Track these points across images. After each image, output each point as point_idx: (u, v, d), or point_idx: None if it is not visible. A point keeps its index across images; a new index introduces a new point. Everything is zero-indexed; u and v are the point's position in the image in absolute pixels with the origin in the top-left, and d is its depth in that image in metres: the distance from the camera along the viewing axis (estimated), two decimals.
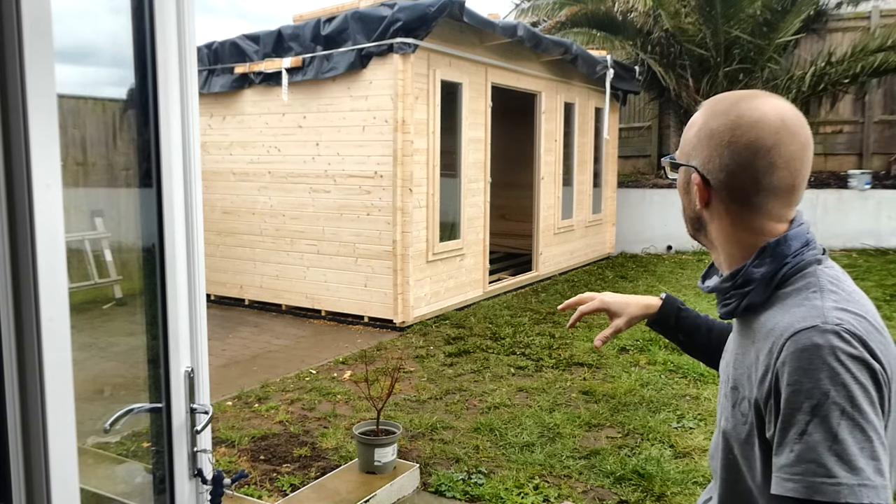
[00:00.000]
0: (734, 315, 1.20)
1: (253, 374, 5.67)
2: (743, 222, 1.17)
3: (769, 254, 1.14)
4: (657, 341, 6.32)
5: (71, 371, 1.12)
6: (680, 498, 3.58)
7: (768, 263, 1.14)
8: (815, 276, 1.12)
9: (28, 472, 1.10)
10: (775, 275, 1.13)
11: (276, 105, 7.55)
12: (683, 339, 1.62)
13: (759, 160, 1.11)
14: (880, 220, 11.42)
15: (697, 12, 11.18)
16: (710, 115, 1.18)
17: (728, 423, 1.18)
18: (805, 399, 0.99)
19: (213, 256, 8.16)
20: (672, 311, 1.61)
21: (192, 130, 1.40)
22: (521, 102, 9.21)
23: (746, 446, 1.13)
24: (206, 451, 1.47)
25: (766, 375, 1.06)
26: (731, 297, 1.19)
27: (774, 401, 1.03)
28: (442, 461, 4.04)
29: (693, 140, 1.20)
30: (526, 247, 9.81)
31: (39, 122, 1.05)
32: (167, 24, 1.34)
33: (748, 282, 1.15)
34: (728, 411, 1.19)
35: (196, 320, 1.45)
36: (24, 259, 1.06)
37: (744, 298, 1.16)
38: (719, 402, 1.28)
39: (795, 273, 1.13)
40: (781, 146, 1.11)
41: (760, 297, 1.14)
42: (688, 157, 1.21)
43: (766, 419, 1.06)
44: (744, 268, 1.16)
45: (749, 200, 1.15)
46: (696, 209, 1.22)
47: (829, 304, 1.06)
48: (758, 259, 1.15)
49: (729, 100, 1.17)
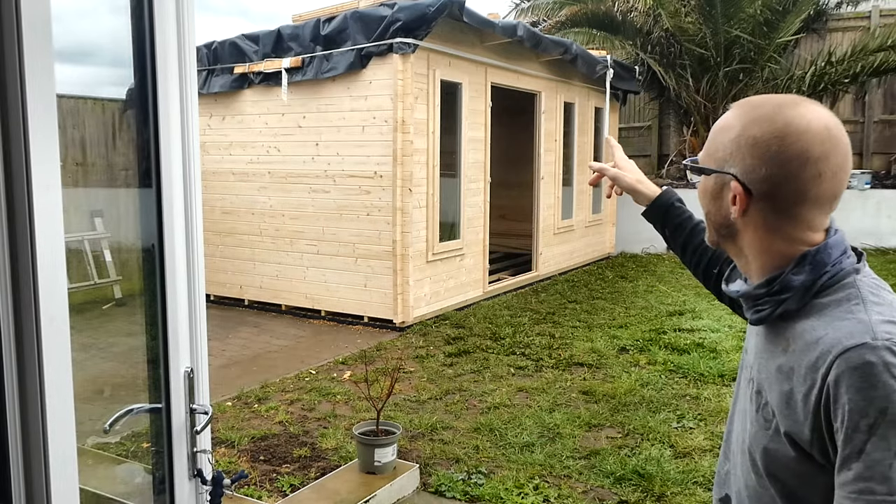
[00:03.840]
0: (765, 322, 1.18)
1: (253, 375, 5.67)
2: (781, 232, 1.14)
3: (809, 262, 1.12)
4: (657, 341, 6.32)
5: (71, 371, 1.12)
6: (680, 498, 3.58)
7: (808, 272, 1.11)
8: (855, 287, 1.10)
9: (28, 472, 1.09)
10: (814, 283, 1.11)
11: (276, 105, 7.55)
12: (668, 234, 1.67)
13: (807, 171, 1.08)
14: (880, 220, 11.43)
15: (697, 12, 11.18)
16: (749, 121, 1.13)
17: (752, 426, 1.18)
18: (861, 418, 0.98)
19: (213, 256, 8.16)
20: (664, 205, 1.68)
21: (192, 130, 1.40)
22: (521, 102, 9.21)
23: (769, 452, 1.13)
24: (205, 452, 1.47)
25: (812, 391, 1.05)
26: (764, 303, 1.16)
27: (826, 420, 1.03)
28: (442, 461, 4.04)
29: (730, 146, 1.14)
30: (526, 247, 9.81)
31: (39, 123, 1.05)
32: (167, 23, 1.34)
33: (785, 289, 1.13)
34: (752, 415, 1.18)
35: (196, 320, 1.45)
36: (24, 259, 1.06)
37: (779, 305, 1.13)
38: (740, 403, 1.27)
39: (835, 283, 1.11)
40: (829, 157, 1.08)
41: (797, 304, 1.12)
42: (722, 163, 1.16)
43: (808, 435, 1.06)
44: (782, 274, 1.13)
45: (791, 211, 1.11)
46: (730, 217, 1.17)
47: (875, 318, 1.05)
48: (797, 267, 1.12)
49: (770, 105, 1.13)
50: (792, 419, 1.08)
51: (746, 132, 1.12)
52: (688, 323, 7.00)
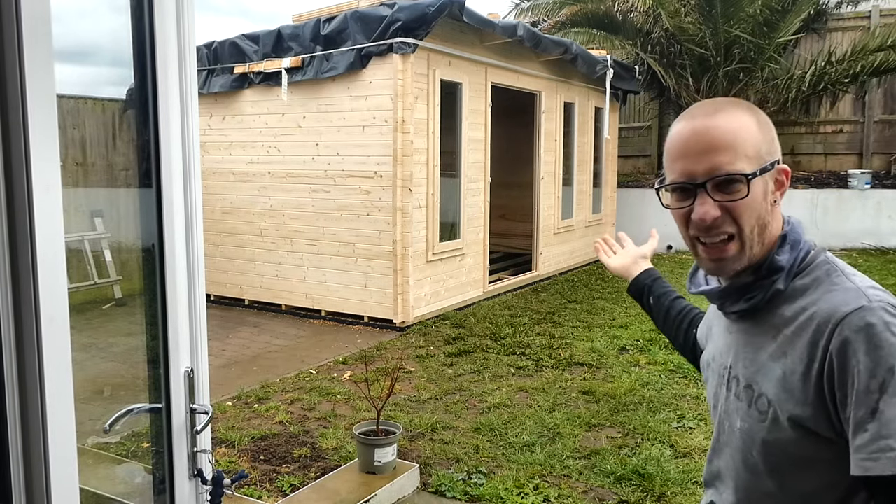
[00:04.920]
0: (750, 312, 1.19)
1: (253, 375, 5.67)
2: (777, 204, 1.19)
3: (789, 241, 1.17)
4: (657, 341, 6.32)
5: (71, 371, 1.12)
6: (680, 498, 3.58)
7: (788, 251, 1.16)
8: (830, 263, 1.15)
9: (28, 472, 1.09)
10: (794, 262, 1.15)
11: (276, 105, 7.55)
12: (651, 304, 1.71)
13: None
14: (880, 220, 11.43)
15: (697, 12, 11.17)
16: (747, 110, 1.18)
17: (744, 423, 1.18)
18: (871, 378, 1.00)
19: (213, 256, 8.16)
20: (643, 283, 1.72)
21: (192, 130, 1.40)
22: (521, 102, 9.21)
23: (767, 444, 1.13)
24: (205, 452, 1.47)
25: (813, 365, 1.06)
26: (756, 289, 1.17)
27: (830, 390, 1.05)
28: (442, 461, 4.04)
29: (762, 138, 1.15)
30: (526, 247, 9.81)
31: (39, 123, 1.05)
32: (167, 23, 1.34)
33: (774, 270, 1.15)
34: (742, 412, 1.18)
35: (196, 320, 1.45)
36: (24, 259, 1.06)
37: (771, 287, 1.15)
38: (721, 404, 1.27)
39: (810, 263, 1.16)
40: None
41: (784, 284, 1.15)
42: (767, 156, 1.15)
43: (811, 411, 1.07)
44: (768, 257, 1.16)
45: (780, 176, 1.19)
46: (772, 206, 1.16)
47: (861, 284, 1.09)
48: (779, 248, 1.16)
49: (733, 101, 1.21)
50: (793, 402, 1.09)
51: (759, 120, 1.18)
52: None
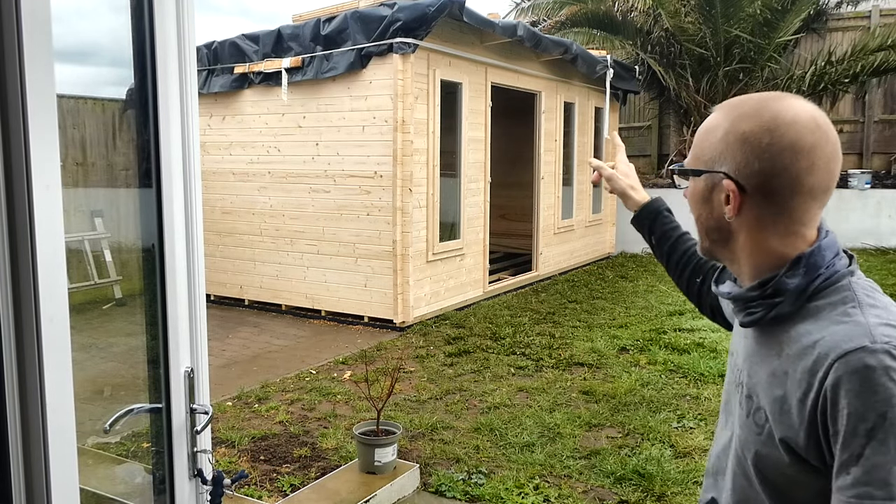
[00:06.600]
0: (757, 324, 1.16)
1: (253, 375, 5.67)
2: (775, 228, 1.12)
3: (804, 265, 1.10)
4: (657, 341, 6.32)
5: (71, 371, 1.12)
6: (680, 498, 3.58)
7: (802, 275, 1.10)
8: (850, 290, 1.09)
9: (28, 472, 1.09)
10: (808, 286, 1.10)
11: (276, 105, 7.55)
12: (655, 241, 1.67)
13: (800, 161, 1.07)
14: (880, 220, 11.43)
15: (697, 12, 11.18)
16: (736, 118, 1.12)
17: (742, 431, 1.17)
18: (860, 422, 0.97)
19: (213, 256, 8.16)
20: (653, 212, 1.67)
21: (192, 130, 1.40)
22: (521, 102, 9.21)
23: (760, 456, 1.12)
24: (206, 452, 1.47)
25: (809, 395, 1.03)
26: (756, 306, 1.14)
27: (822, 424, 1.02)
28: (442, 461, 4.04)
29: (718, 146, 1.13)
30: (526, 247, 9.81)
31: (39, 123, 1.05)
32: (167, 23, 1.34)
33: (779, 292, 1.11)
34: (742, 419, 1.17)
35: (196, 320, 1.45)
36: (24, 259, 1.06)
37: (772, 309, 1.12)
38: (728, 405, 1.26)
39: (829, 286, 1.10)
40: (821, 146, 1.08)
41: (790, 308, 1.10)
42: (711, 163, 1.14)
43: (804, 440, 1.04)
44: (776, 277, 1.11)
45: (787, 205, 1.10)
46: (724, 218, 1.14)
47: (873, 321, 1.03)
48: (791, 269, 1.11)
49: (754, 101, 1.13)
50: (787, 424, 1.06)
51: (735, 129, 1.11)
52: (688, 323, 6.99)
